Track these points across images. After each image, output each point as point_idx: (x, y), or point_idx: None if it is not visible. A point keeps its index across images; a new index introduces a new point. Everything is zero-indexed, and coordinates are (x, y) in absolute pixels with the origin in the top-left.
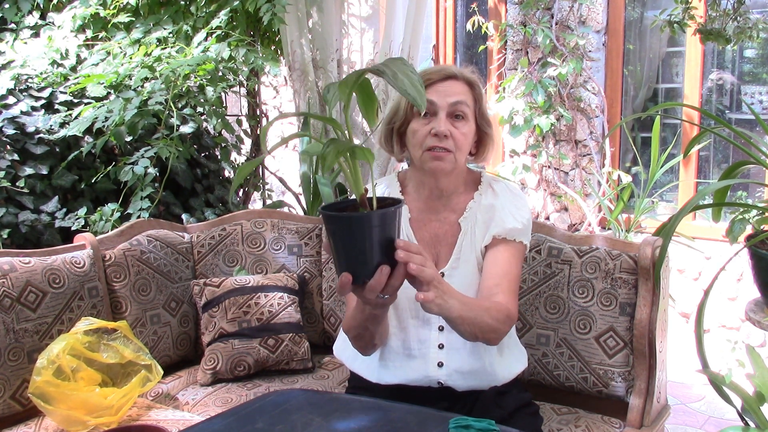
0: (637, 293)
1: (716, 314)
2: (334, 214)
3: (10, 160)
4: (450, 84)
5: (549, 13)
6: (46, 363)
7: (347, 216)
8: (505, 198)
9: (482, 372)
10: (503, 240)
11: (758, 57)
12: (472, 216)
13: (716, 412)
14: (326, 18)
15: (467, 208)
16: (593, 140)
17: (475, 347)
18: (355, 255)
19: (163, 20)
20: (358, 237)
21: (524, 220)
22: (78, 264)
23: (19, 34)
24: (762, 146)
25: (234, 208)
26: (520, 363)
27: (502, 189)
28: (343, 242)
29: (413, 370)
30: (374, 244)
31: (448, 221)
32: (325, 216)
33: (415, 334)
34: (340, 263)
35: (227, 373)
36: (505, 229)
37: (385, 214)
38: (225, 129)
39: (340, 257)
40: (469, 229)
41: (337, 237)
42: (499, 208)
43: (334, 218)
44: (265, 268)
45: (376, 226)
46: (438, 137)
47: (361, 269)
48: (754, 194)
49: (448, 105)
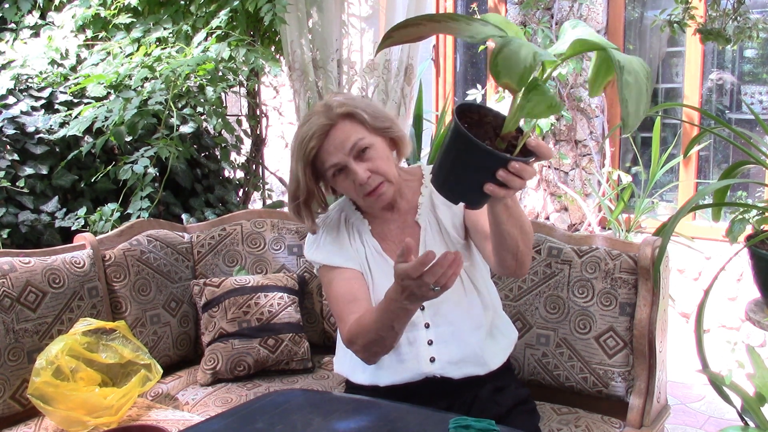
0: (637, 293)
1: (716, 314)
2: (465, 134)
3: (10, 160)
4: (333, 134)
5: (549, 13)
6: (45, 364)
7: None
8: None
9: (473, 357)
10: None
11: (758, 57)
12: (427, 208)
13: (716, 412)
14: (326, 18)
15: (419, 204)
16: (593, 140)
17: (462, 335)
18: (458, 172)
19: (163, 20)
20: (470, 163)
21: None
22: (78, 264)
23: (19, 34)
24: (762, 146)
25: (234, 208)
26: (510, 339)
27: None
28: (455, 156)
29: (408, 370)
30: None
31: (407, 223)
32: (457, 129)
33: (404, 338)
34: (441, 171)
35: (227, 373)
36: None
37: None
38: (225, 129)
39: (445, 166)
40: (428, 221)
41: (452, 150)
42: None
43: (463, 137)
44: (265, 268)
45: (490, 168)
46: (364, 185)
47: (456, 186)
48: (754, 194)
49: (348, 153)
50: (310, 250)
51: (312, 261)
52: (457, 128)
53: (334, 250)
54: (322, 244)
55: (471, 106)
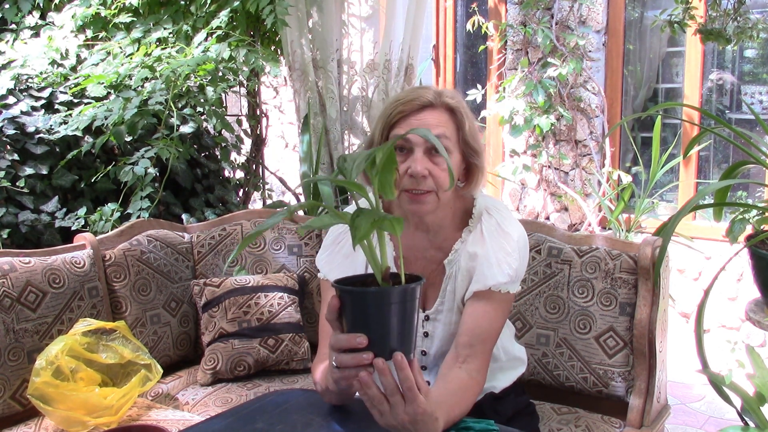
0: (637, 293)
1: (716, 314)
2: (350, 289)
3: (10, 160)
4: (426, 114)
5: (549, 13)
6: (45, 364)
7: (362, 291)
8: (493, 242)
9: None
10: (486, 292)
11: (758, 57)
12: (457, 259)
13: (716, 412)
14: (326, 18)
15: (453, 249)
16: (593, 140)
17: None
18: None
19: (163, 20)
20: (375, 313)
21: (511, 270)
22: (78, 264)
23: (19, 34)
24: (762, 146)
25: (234, 208)
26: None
27: (492, 228)
28: (360, 318)
29: None
30: (393, 322)
31: (435, 260)
32: (341, 291)
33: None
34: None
35: (227, 373)
36: (486, 285)
37: (406, 290)
38: (225, 129)
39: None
40: (454, 273)
41: (351, 312)
42: (482, 258)
43: (350, 293)
44: (265, 268)
45: (395, 303)
46: (415, 178)
47: (378, 347)
48: (754, 194)
49: (425, 140)
50: (321, 253)
51: (317, 264)
52: (337, 291)
53: (342, 267)
54: (334, 253)
55: (347, 279)
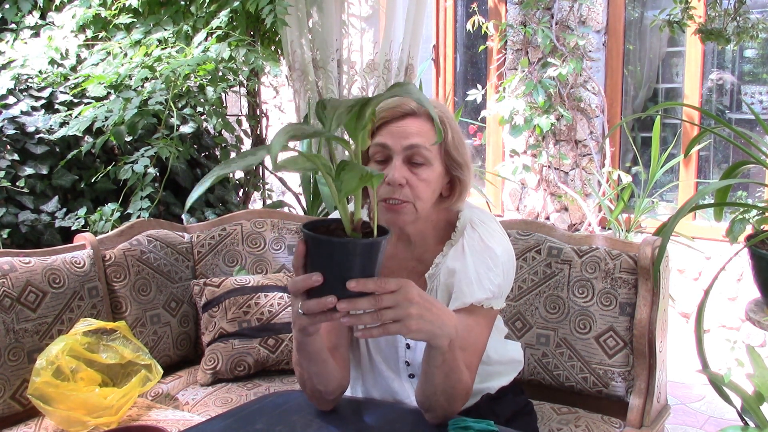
0: (637, 293)
1: (716, 314)
2: (316, 236)
3: (10, 160)
4: (408, 122)
5: (549, 13)
6: (45, 364)
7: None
8: (475, 257)
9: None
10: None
11: (758, 57)
12: (438, 273)
13: (716, 412)
14: (326, 18)
15: (434, 263)
16: (593, 140)
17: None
18: (331, 281)
19: (163, 20)
20: (338, 263)
21: (493, 286)
22: (78, 264)
23: (19, 34)
24: (762, 146)
25: (234, 208)
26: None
27: (474, 243)
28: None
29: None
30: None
31: (416, 272)
32: (307, 236)
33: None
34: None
35: (227, 373)
36: (466, 303)
37: (373, 244)
38: (225, 129)
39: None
40: (435, 287)
41: (316, 259)
42: (461, 274)
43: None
44: (265, 268)
45: (358, 255)
46: (392, 186)
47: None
48: (754, 194)
49: (403, 149)
50: None
51: None
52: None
53: None
54: None
55: (315, 222)
